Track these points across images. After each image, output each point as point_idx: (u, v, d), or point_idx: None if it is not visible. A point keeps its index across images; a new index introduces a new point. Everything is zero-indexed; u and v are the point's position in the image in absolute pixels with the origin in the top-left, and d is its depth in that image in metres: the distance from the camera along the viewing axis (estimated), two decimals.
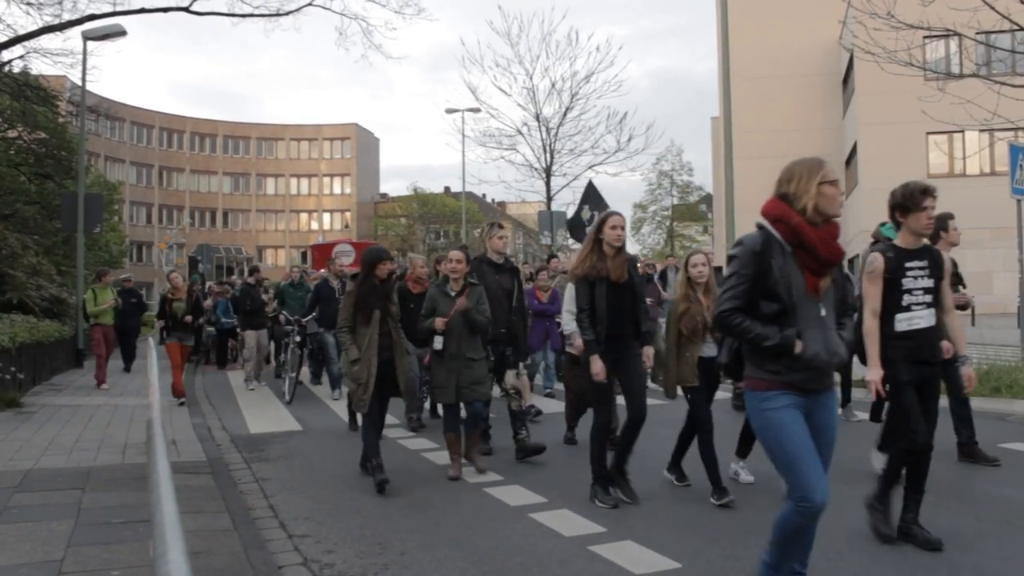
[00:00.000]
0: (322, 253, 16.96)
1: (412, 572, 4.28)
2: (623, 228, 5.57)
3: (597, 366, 5.37)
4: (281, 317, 12.80)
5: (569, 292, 6.77)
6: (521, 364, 7.82)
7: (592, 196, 13.72)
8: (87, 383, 13.06)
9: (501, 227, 7.58)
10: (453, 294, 6.32)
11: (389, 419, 9.23)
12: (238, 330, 15.16)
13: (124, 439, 8.04)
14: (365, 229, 65.84)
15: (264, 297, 14.00)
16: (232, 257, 59.14)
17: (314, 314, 11.52)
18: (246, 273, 13.28)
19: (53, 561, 4.27)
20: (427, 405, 9.07)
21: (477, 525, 5.06)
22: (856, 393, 8.72)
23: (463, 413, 6.55)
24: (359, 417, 7.05)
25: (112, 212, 38.46)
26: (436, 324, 6.23)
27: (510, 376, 7.21)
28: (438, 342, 6.25)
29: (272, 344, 14.78)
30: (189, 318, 11.00)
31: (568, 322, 6.79)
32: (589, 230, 5.58)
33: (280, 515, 5.42)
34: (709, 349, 5.55)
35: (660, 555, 4.42)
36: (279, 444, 8.06)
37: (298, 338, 11.87)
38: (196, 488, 6.00)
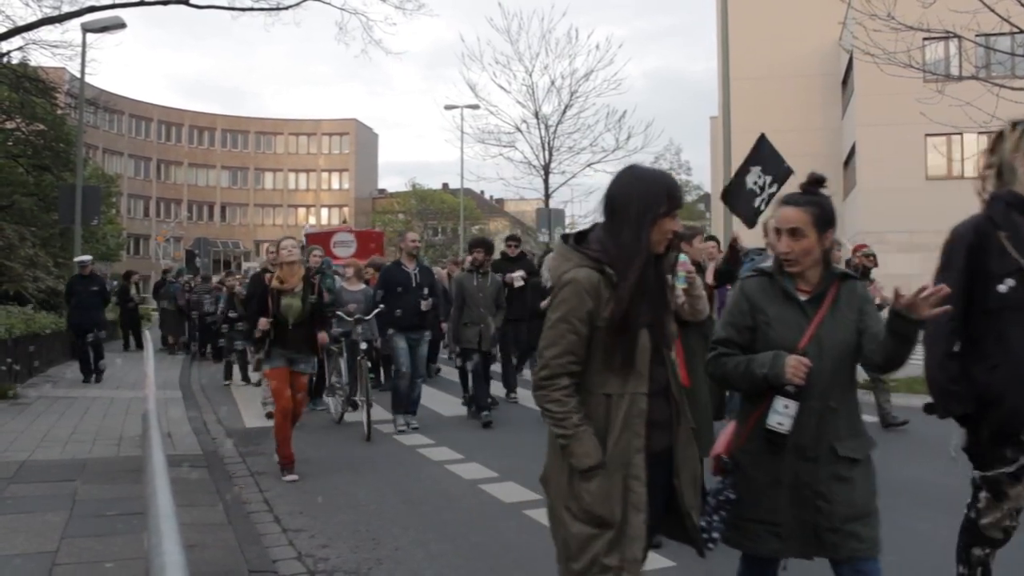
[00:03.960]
0: (317, 241, 16.27)
1: (406, 568, 4.29)
2: None
3: None
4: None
5: None
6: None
7: (765, 155, 9.40)
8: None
9: None
10: (803, 299, 2.77)
11: (380, 413, 9.13)
12: (225, 328, 12.61)
13: (120, 431, 8.03)
14: (363, 224, 65.67)
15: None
16: (230, 251, 59.08)
17: (379, 309, 8.33)
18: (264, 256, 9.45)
19: (47, 552, 4.27)
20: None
21: (471, 521, 5.07)
22: None
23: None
24: None
25: (110, 205, 38.36)
26: (789, 370, 2.63)
27: None
28: (783, 414, 2.65)
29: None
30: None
31: None
32: None
33: (275, 509, 5.43)
34: None
35: (655, 553, 4.42)
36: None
37: (364, 345, 8.37)
38: (191, 481, 6.00)
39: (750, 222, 8.11)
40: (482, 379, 8.84)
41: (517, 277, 9.68)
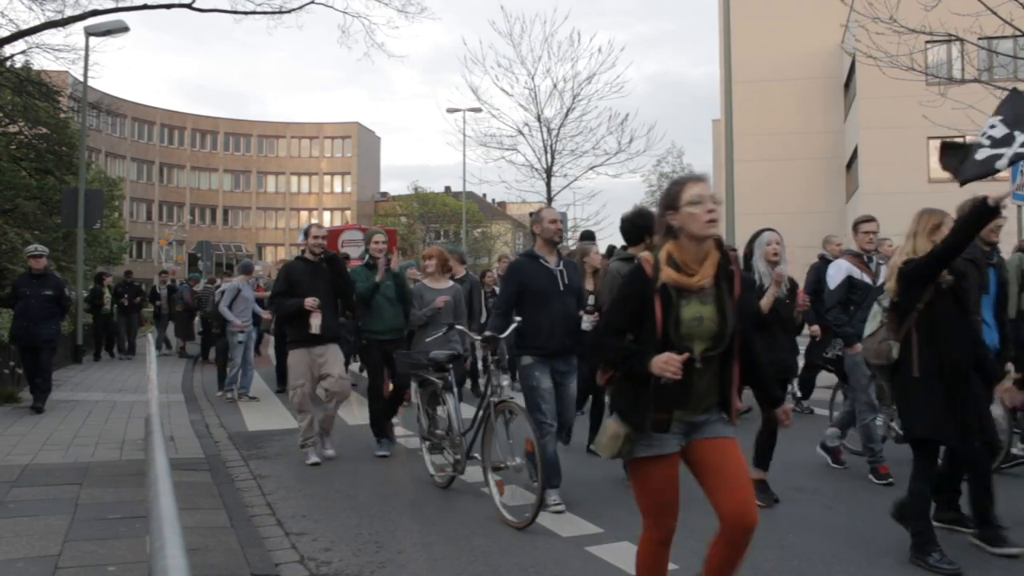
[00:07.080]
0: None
1: (408, 571, 4.29)
2: None
3: None
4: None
5: None
6: None
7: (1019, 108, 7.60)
8: (85, 379, 13.03)
9: None
10: None
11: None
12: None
13: (122, 435, 8.04)
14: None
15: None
16: (232, 254, 59.04)
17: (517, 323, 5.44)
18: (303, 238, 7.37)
19: (50, 556, 4.27)
20: None
21: (474, 525, 5.06)
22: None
23: None
24: None
25: (112, 208, 38.49)
26: None
27: None
28: None
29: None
30: None
31: None
32: None
33: (277, 512, 5.42)
34: None
35: None
36: (277, 442, 8.05)
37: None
38: (194, 485, 6.00)
39: (969, 178, 6.56)
40: None
41: None
